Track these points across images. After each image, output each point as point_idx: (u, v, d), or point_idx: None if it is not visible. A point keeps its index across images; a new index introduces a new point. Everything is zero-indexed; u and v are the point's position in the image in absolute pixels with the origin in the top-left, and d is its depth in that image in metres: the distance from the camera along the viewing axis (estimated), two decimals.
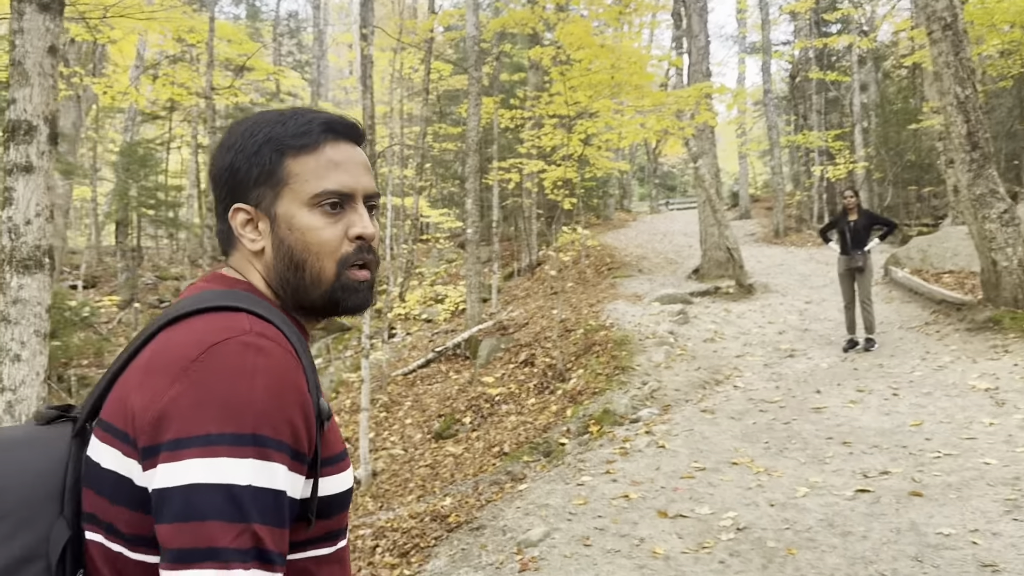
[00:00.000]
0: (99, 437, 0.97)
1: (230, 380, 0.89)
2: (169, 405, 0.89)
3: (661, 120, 10.46)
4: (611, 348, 9.29)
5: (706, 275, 14.92)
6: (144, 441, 0.90)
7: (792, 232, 22.46)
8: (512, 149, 20.39)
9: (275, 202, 1.05)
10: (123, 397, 0.95)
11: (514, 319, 13.85)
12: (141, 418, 0.91)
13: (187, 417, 0.88)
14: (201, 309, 0.98)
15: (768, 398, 7.02)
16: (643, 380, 7.96)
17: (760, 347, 9.55)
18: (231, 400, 0.88)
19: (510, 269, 21.57)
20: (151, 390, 0.91)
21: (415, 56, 28.16)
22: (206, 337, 0.93)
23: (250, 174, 1.05)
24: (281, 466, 0.90)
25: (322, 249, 1.05)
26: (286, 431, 0.91)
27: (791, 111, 30.18)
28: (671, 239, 22.77)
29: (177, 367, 0.91)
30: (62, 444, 1.00)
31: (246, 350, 0.92)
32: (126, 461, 0.93)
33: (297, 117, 1.08)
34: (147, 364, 0.95)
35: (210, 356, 0.91)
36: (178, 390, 0.89)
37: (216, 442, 0.87)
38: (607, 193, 30.22)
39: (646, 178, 43.52)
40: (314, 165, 1.05)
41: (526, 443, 7.08)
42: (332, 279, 1.06)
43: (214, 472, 0.86)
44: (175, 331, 0.97)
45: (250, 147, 1.06)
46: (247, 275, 1.08)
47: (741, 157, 29.77)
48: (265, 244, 1.06)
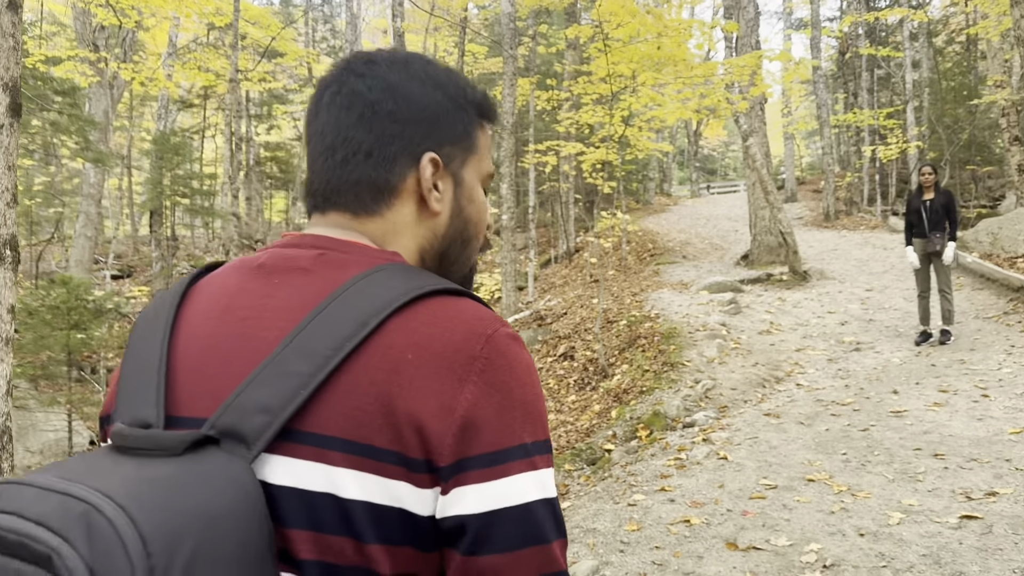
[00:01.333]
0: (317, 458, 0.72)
1: (521, 379, 0.76)
2: (472, 411, 0.72)
3: (711, 94, 9.67)
4: (658, 341, 8.59)
5: (756, 261, 14.10)
6: (448, 457, 0.71)
7: (843, 215, 21.47)
8: (549, 132, 19.69)
9: (463, 167, 0.92)
10: (377, 407, 0.72)
11: (552, 308, 13.19)
12: (439, 431, 0.71)
13: (499, 424, 0.73)
14: (425, 293, 0.78)
15: (839, 399, 6.28)
16: (695, 377, 7.26)
17: (822, 339, 8.78)
18: (529, 403, 0.76)
19: (547, 256, 20.92)
20: (436, 394, 0.72)
21: (449, 39, 27.52)
22: (474, 327, 0.76)
23: (455, 127, 0.91)
24: None
25: (481, 229, 0.96)
26: None
27: (840, 89, 29.02)
28: (715, 223, 21.92)
29: (460, 363, 0.74)
30: (250, 480, 0.71)
31: (515, 344, 0.78)
32: (394, 487, 0.72)
33: (475, 87, 0.96)
34: (401, 360, 0.74)
35: (492, 350, 0.75)
36: (475, 391, 0.73)
37: (533, 452, 0.74)
38: (647, 177, 29.38)
39: (686, 161, 42.51)
40: (485, 143, 0.97)
41: (568, 448, 6.43)
42: (474, 260, 0.98)
43: (539, 486, 0.73)
44: (412, 320, 0.76)
45: (458, 98, 0.92)
46: (393, 243, 0.88)
47: (787, 138, 28.67)
48: (444, 208, 0.91)
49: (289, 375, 0.74)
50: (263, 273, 0.84)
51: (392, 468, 0.72)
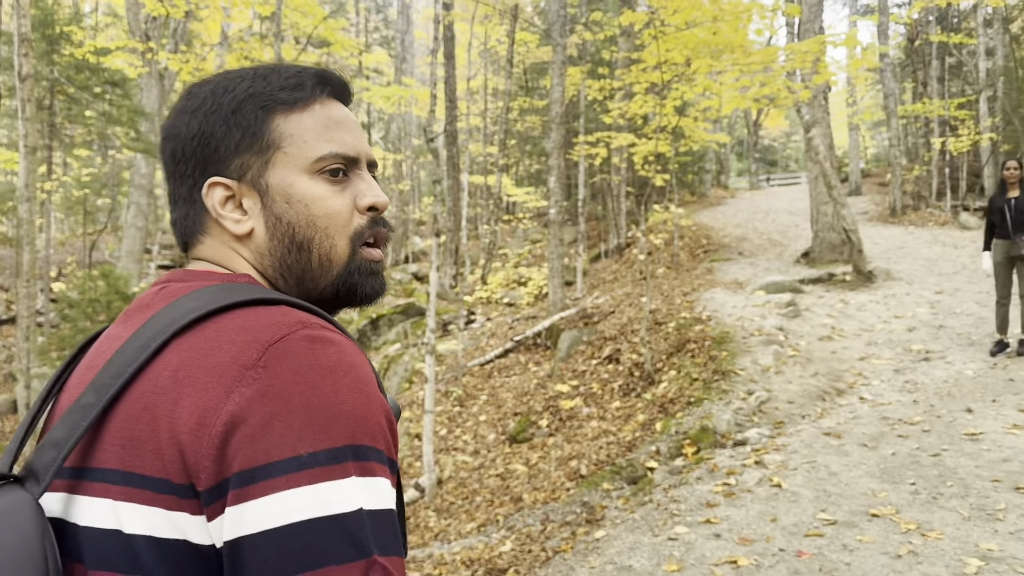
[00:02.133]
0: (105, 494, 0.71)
1: (309, 382, 0.69)
2: (234, 422, 0.67)
3: (771, 82, 9.07)
4: (709, 347, 8.08)
5: (817, 259, 13.42)
6: (206, 479, 0.67)
7: (910, 210, 20.50)
8: (600, 123, 19.17)
9: (265, 171, 0.85)
10: (149, 433, 0.69)
11: (599, 307, 12.73)
12: (194, 449, 0.67)
13: (265, 436, 0.66)
14: (221, 308, 0.74)
15: (907, 417, 5.72)
16: (748, 388, 6.75)
17: (887, 347, 8.16)
18: (316, 408, 0.68)
19: (597, 251, 20.42)
20: (197, 409, 0.68)
21: (501, 28, 27.09)
22: (257, 335, 0.71)
23: (229, 139, 0.84)
24: (384, 479, 0.71)
25: (331, 223, 0.85)
26: (380, 436, 0.72)
27: (908, 78, 27.81)
28: (774, 218, 21.13)
29: (230, 373, 0.69)
30: (29, 516, 0.69)
31: (314, 344, 0.71)
32: (172, 517, 0.69)
33: (282, 70, 0.88)
34: (175, 380, 0.70)
35: (273, 356, 0.69)
36: (240, 402, 0.67)
37: (309, 464, 0.67)
38: (703, 168, 28.59)
39: (745, 152, 41.44)
40: (311, 124, 0.86)
41: (607, 463, 6.00)
42: (345, 260, 0.87)
43: (316, 503, 0.66)
44: (197, 337, 0.72)
45: (226, 106, 0.84)
46: (231, 265, 0.85)
47: (851, 128, 27.57)
48: (254, 224, 0.85)
49: (78, 409, 0.73)
50: (125, 318, 0.83)
51: (164, 497, 0.69)
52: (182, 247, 0.91)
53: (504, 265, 21.16)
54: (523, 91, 27.09)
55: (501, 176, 20.93)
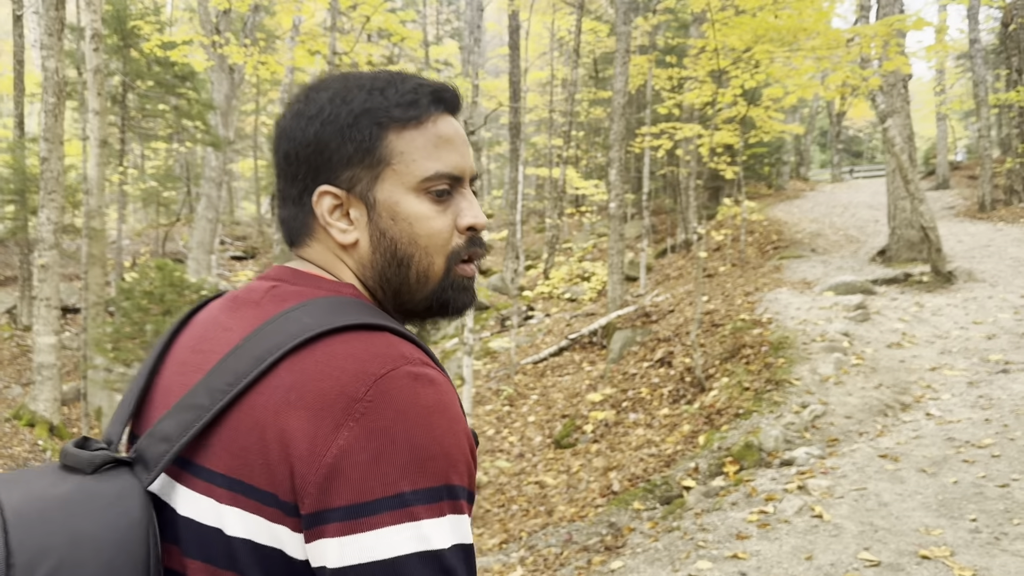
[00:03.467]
0: (209, 493, 0.77)
1: (412, 422, 0.73)
2: (342, 458, 0.71)
3: (839, 68, 8.44)
4: (765, 353, 7.58)
5: (894, 258, 12.63)
6: (310, 505, 0.72)
7: (1001, 205, 19.25)
8: (671, 115, 18.60)
9: (374, 185, 0.88)
10: (259, 447, 0.74)
11: (658, 305, 12.26)
12: (303, 475, 0.72)
13: (370, 473, 0.71)
14: (335, 328, 0.77)
15: (975, 439, 5.16)
16: (803, 400, 6.26)
17: (962, 357, 7.51)
18: (419, 448, 0.72)
19: (664, 246, 19.84)
20: (308, 437, 0.72)
21: (572, 19, 26.61)
22: (366, 367, 0.74)
23: (343, 151, 0.87)
24: (467, 516, 0.76)
25: (431, 242, 0.89)
26: (467, 473, 0.76)
27: (1002, 65, 26.18)
28: (853, 212, 20.15)
29: (340, 407, 0.73)
30: (137, 502, 0.76)
31: (417, 383, 0.75)
32: (273, 529, 0.74)
33: (398, 83, 0.89)
34: (286, 402, 0.74)
35: (379, 393, 0.73)
36: (349, 438, 0.72)
37: (412, 502, 0.71)
38: (780, 160, 27.56)
39: (828, 143, 39.90)
40: (422, 142, 0.88)
41: (643, 479, 5.62)
42: (441, 277, 0.91)
43: (419, 540, 0.70)
44: (309, 358, 0.76)
45: (344, 118, 0.86)
46: (335, 271, 0.90)
47: (939, 118, 26.13)
48: (359, 236, 0.89)
49: (191, 408, 0.78)
50: (234, 306, 0.88)
51: (270, 510, 0.74)
52: (288, 244, 0.94)
53: (568, 259, 20.78)
54: (593, 81, 26.58)
55: (565, 169, 20.51)
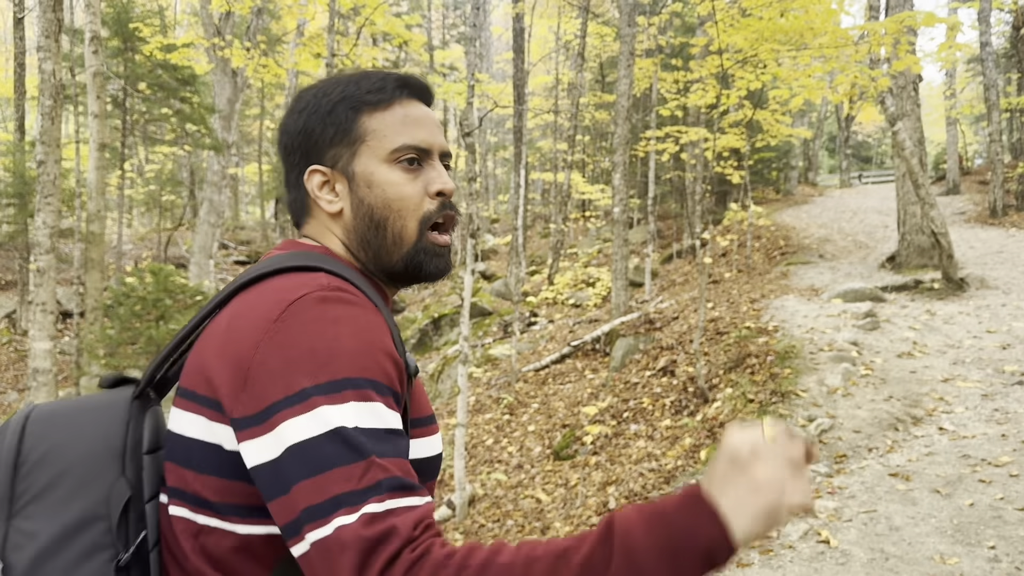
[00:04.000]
0: (180, 406, 0.95)
1: (313, 330, 0.86)
2: (256, 370, 0.86)
3: (845, 69, 8.17)
4: (771, 363, 7.32)
5: (904, 264, 12.34)
6: (236, 410, 0.87)
7: (1012, 211, 18.93)
8: (676, 118, 18.36)
9: (352, 160, 1.04)
10: (203, 364, 0.92)
11: (663, 312, 12.01)
12: (228, 385, 0.88)
13: (276, 379, 0.84)
14: (277, 270, 0.95)
15: (992, 456, 4.90)
16: (810, 414, 5.99)
17: (976, 367, 7.23)
18: (318, 349, 0.85)
19: (670, 251, 19.58)
20: (233, 356, 0.88)
21: (578, 22, 26.40)
22: (284, 295, 0.90)
23: (325, 134, 1.04)
24: (380, 404, 0.85)
25: (404, 205, 1.03)
26: (379, 372, 0.87)
27: (1014, 68, 25.84)
28: (862, 217, 19.86)
29: (259, 328, 0.88)
30: (122, 405, 1.00)
31: (326, 301, 0.89)
32: (213, 427, 0.90)
33: (370, 76, 1.07)
34: (227, 328, 0.92)
35: (290, 312, 0.88)
36: (263, 353, 0.86)
37: (312, 394, 0.83)
38: (788, 165, 27.30)
39: (837, 148, 39.56)
40: (391, 120, 1.04)
41: (640, 496, 5.36)
42: (414, 239, 1.04)
43: (318, 423, 0.81)
44: (250, 293, 0.94)
45: (324, 107, 1.04)
46: (324, 240, 1.06)
47: (950, 123, 25.81)
48: (344, 205, 1.05)
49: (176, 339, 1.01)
50: None
51: (212, 412, 0.90)
52: (296, 225, 1.09)
53: (573, 265, 20.54)
54: (599, 85, 26.35)
55: (570, 173, 20.27)
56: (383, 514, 0.78)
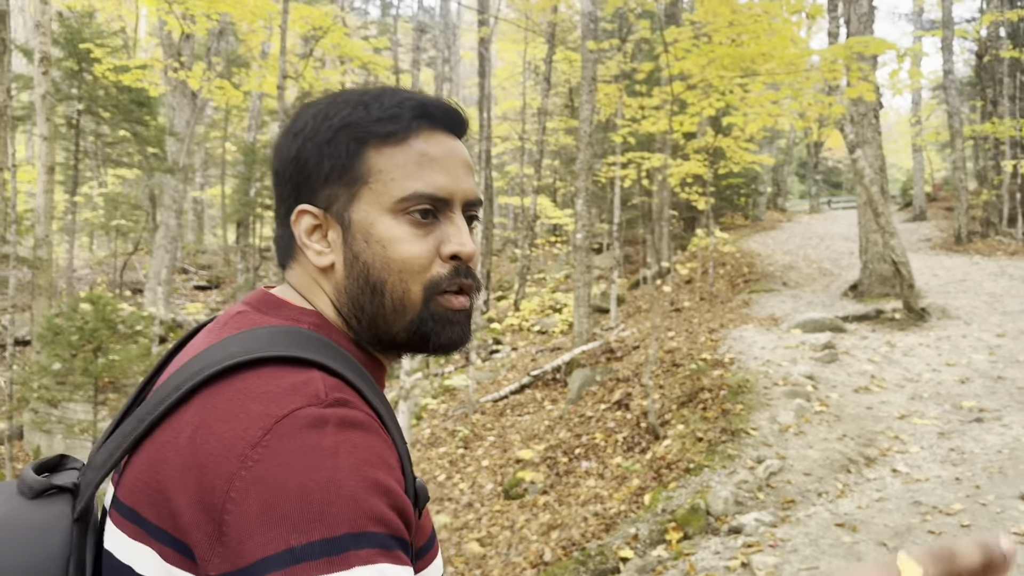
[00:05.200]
0: (122, 528, 0.73)
1: (305, 467, 0.66)
2: (233, 514, 0.65)
3: (800, 96, 8.02)
4: (724, 397, 7.07)
5: (866, 293, 12.21)
6: (211, 565, 0.65)
7: (977, 238, 18.98)
8: (642, 144, 18.25)
9: (350, 205, 0.82)
10: (159, 486, 0.70)
11: (624, 341, 11.75)
12: (198, 530, 0.66)
13: (256, 530, 0.64)
14: (258, 360, 0.73)
15: (944, 503, 4.65)
16: (759, 454, 5.74)
17: (934, 402, 7.03)
18: (310, 492, 0.64)
19: (636, 277, 19.41)
20: (201, 489, 0.67)
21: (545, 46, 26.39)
22: (268, 408, 0.69)
23: (321, 168, 0.83)
24: (391, 566, 0.65)
25: (406, 267, 0.81)
26: (387, 521, 0.67)
27: (977, 96, 26.14)
28: (828, 244, 19.82)
29: (233, 455, 0.67)
30: (60, 530, 0.74)
31: (322, 424, 0.68)
32: (169, 569, 0.69)
33: (383, 97, 0.83)
34: (190, 445, 0.69)
35: (276, 436, 0.67)
36: (239, 492, 0.65)
37: (303, 557, 0.63)
38: (756, 191, 27.31)
39: (807, 174, 39.82)
40: (403, 160, 0.82)
41: (577, 547, 5.06)
42: (419, 307, 0.83)
43: None
44: (222, 393, 0.71)
45: (323, 133, 0.83)
46: (311, 297, 0.86)
47: (916, 150, 26.02)
48: (335, 259, 0.84)
49: (120, 436, 0.75)
50: (207, 331, 0.84)
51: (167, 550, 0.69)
52: (280, 265, 0.90)
53: (540, 290, 20.30)
54: (568, 111, 26.30)
55: (536, 198, 20.09)
56: None
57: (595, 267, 20.36)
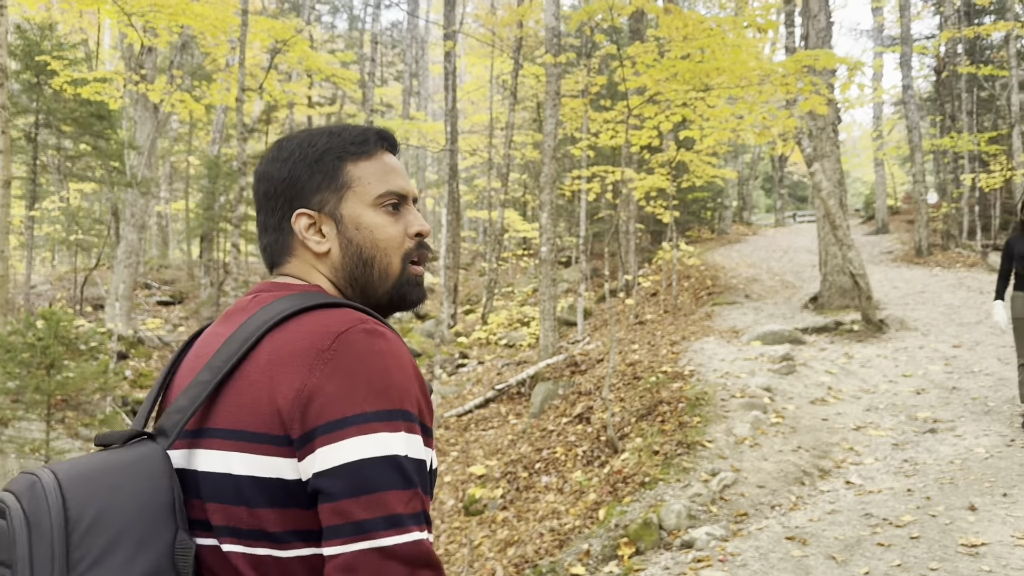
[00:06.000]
0: (221, 447, 0.99)
1: (368, 362, 0.95)
2: (316, 390, 0.93)
3: (753, 109, 8.08)
4: (681, 410, 7.06)
5: (826, 305, 12.32)
6: (297, 430, 0.93)
7: (937, 250, 19.27)
8: (607, 158, 18.32)
9: (340, 204, 1.12)
10: (252, 401, 0.97)
11: (588, 354, 11.73)
12: (288, 411, 0.94)
13: (338, 399, 0.93)
14: (304, 308, 1.02)
15: (894, 515, 4.66)
16: (714, 467, 5.72)
17: (889, 413, 7.08)
18: (374, 380, 0.94)
19: (603, 291, 19.44)
20: (289, 382, 0.95)
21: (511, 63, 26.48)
22: (328, 328, 0.98)
23: (312, 181, 1.12)
24: (420, 438, 0.98)
25: (389, 245, 1.13)
26: (418, 406, 0.99)
27: (937, 111, 26.64)
28: (792, 257, 20.01)
29: (311, 356, 0.95)
30: (157, 459, 0.99)
31: (370, 336, 0.98)
32: (270, 461, 0.95)
33: (351, 129, 1.17)
34: (270, 363, 0.97)
35: (341, 343, 0.96)
36: (320, 376, 0.94)
37: (373, 419, 0.93)
38: (722, 205, 27.56)
39: (772, 188, 40.25)
40: (374, 169, 1.14)
41: (532, 563, 5.00)
42: (398, 273, 1.14)
43: (380, 446, 0.91)
44: (284, 331, 1.00)
45: (311, 156, 1.13)
46: (310, 279, 1.13)
47: (878, 164, 26.43)
48: (331, 245, 1.13)
49: (197, 384, 1.01)
50: (225, 318, 1.11)
51: (265, 447, 0.95)
52: (269, 267, 1.17)
53: (508, 304, 20.25)
54: (536, 125, 26.39)
55: (504, 211, 20.09)
56: (422, 541, 0.93)
57: (563, 280, 20.38)
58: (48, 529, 0.88)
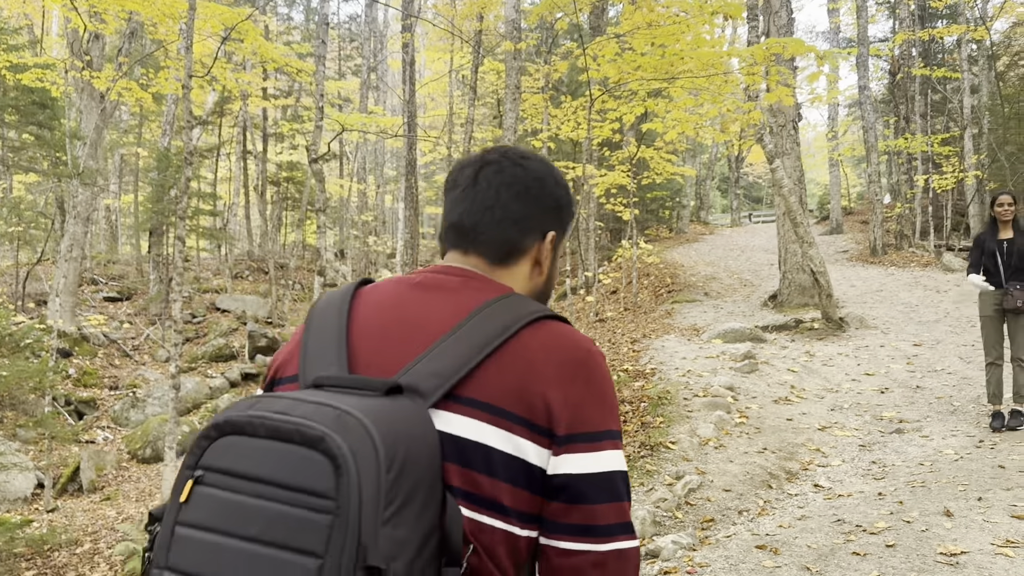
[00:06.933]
0: (475, 416, 1.01)
1: (608, 382, 1.09)
2: (580, 402, 1.04)
3: (718, 100, 7.90)
4: (644, 410, 6.85)
5: (786, 303, 12.24)
6: (563, 430, 1.02)
7: (892, 250, 19.45)
8: (567, 154, 18.11)
9: (558, 244, 1.26)
10: (518, 388, 1.02)
11: None
12: (558, 410, 1.02)
13: (597, 414, 1.05)
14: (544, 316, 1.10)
15: (868, 520, 4.48)
16: (679, 469, 5.51)
17: (854, 413, 6.95)
18: (612, 401, 1.09)
19: (564, 288, 19.24)
20: (564, 388, 1.03)
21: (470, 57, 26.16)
22: (580, 343, 1.09)
23: (568, 212, 1.27)
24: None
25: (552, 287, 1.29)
26: None
27: (891, 113, 26.97)
28: (749, 256, 20.04)
29: (574, 367, 1.05)
30: (427, 417, 1.01)
31: (602, 359, 1.11)
32: (520, 442, 1.01)
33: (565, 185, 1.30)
34: (535, 360, 1.04)
35: (593, 363, 1.07)
36: (582, 389, 1.04)
37: (616, 437, 1.07)
38: (679, 204, 27.57)
39: (729, 188, 40.54)
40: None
41: None
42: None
43: (621, 462, 1.05)
44: (541, 332, 1.07)
45: (566, 196, 1.26)
46: (515, 286, 1.21)
47: (832, 164, 26.65)
48: (546, 271, 1.25)
49: (454, 355, 1.04)
50: (421, 289, 1.15)
51: (521, 429, 1.01)
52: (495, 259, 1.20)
53: None
54: (497, 121, 26.10)
55: None
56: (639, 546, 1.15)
57: None
58: (374, 467, 0.88)
